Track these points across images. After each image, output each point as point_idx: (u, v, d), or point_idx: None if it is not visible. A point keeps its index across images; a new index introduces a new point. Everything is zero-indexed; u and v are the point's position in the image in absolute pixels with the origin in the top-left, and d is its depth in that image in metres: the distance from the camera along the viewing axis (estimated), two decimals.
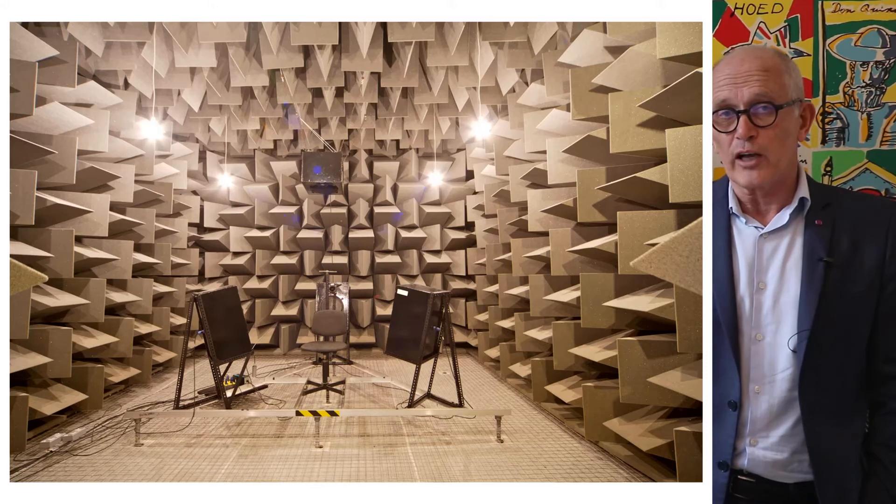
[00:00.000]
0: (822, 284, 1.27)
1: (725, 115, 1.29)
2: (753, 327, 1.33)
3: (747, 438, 1.34)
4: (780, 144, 1.29)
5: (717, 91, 1.31)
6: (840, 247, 1.30)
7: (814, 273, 1.29)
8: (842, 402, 1.32)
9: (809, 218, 1.33)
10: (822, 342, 1.28)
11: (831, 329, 1.28)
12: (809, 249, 1.31)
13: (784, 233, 1.34)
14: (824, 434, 1.29)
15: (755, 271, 1.34)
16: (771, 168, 1.29)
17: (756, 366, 1.33)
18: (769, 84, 1.27)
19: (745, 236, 1.37)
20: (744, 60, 1.30)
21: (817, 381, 1.29)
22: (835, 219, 1.32)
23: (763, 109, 1.26)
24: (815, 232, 1.31)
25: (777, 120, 1.26)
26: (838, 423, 1.31)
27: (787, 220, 1.33)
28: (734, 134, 1.28)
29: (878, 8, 1.91)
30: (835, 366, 1.30)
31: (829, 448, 1.29)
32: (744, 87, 1.27)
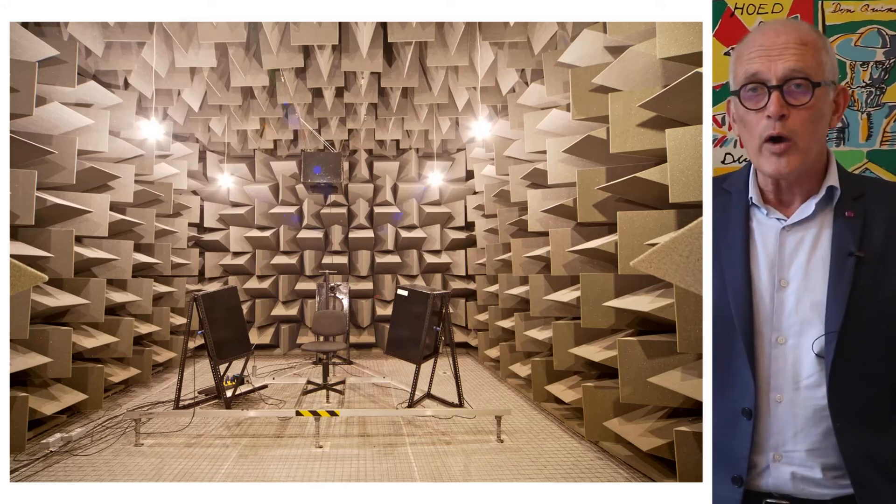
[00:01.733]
0: (851, 281, 1.15)
1: (754, 90, 1.17)
2: (774, 329, 1.21)
3: (770, 453, 1.22)
4: (813, 128, 1.16)
5: (747, 63, 1.17)
6: (873, 240, 1.17)
7: (843, 269, 1.16)
8: (877, 409, 1.20)
9: (839, 209, 1.20)
10: (852, 345, 1.16)
11: (863, 331, 1.16)
12: (838, 243, 1.18)
13: (810, 225, 1.22)
14: (860, 445, 1.17)
15: (776, 267, 1.22)
16: (801, 155, 1.17)
17: (777, 372, 1.21)
18: (807, 59, 1.14)
19: (765, 229, 1.25)
20: (780, 32, 1.17)
21: (848, 387, 1.17)
22: (867, 210, 1.19)
23: (797, 87, 1.14)
24: (845, 224, 1.19)
25: (813, 100, 1.14)
26: (875, 433, 1.19)
27: (814, 210, 1.21)
28: (763, 112, 1.15)
29: (878, 8, 1.91)
30: (867, 371, 1.18)
31: (867, 460, 1.18)
32: (778, 60, 1.14)
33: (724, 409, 1.26)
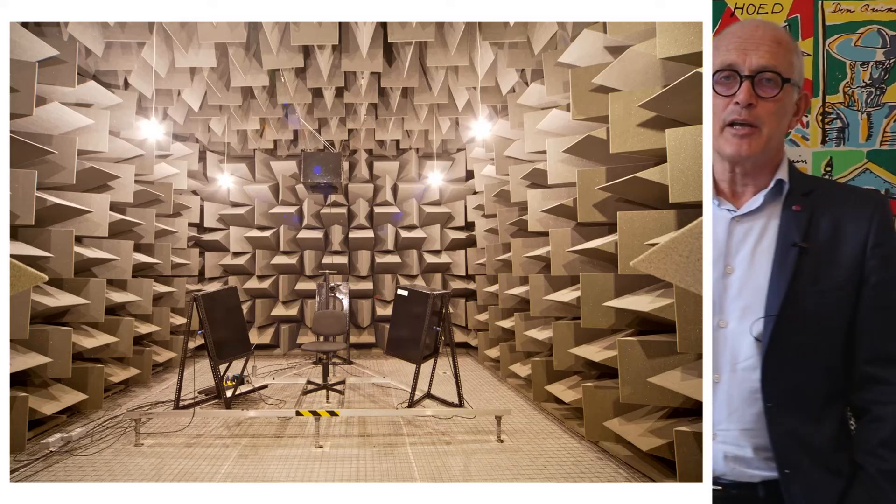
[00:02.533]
0: (793, 270, 1.21)
1: (727, 78, 1.24)
2: (717, 313, 1.27)
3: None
4: (776, 121, 1.24)
5: (724, 53, 1.25)
6: (817, 234, 1.23)
7: (786, 258, 1.22)
8: (810, 396, 1.24)
9: (787, 203, 1.27)
10: (789, 331, 1.20)
11: (801, 318, 1.21)
12: (784, 234, 1.24)
13: (758, 216, 1.28)
14: (790, 428, 1.22)
15: (724, 255, 1.28)
16: (762, 142, 1.23)
17: (718, 354, 1.26)
18: (779, 56, 1.22)
19: (716, 219, 1.31)
20: (758, 27, 1.25)
21: (782, 371, 1.21)
22: (814, 206, 1.26)
23: (768, 81, 1.22)
24: (792, 217, 1.25)
25: (780, 94, 1.22)
26: (806, 419, 1.23)
27: (762, 202, 1.28)
28: (731, 99, 1.23)
29: (878, 8, 1.91)
30: (802, 357, 1.22)
31: (797, 443, 1.22)
32: (754, 52, 1.22)
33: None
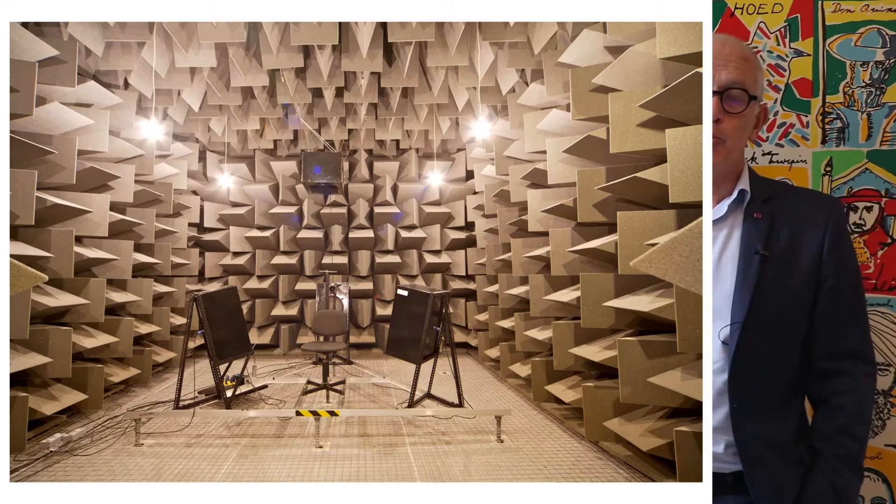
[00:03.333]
0: (757, 278, 1.26)
1: None
2: None
3: None
4: (740, 135, 1.29)
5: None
6: (777, 241, 1.29)
7: (749, 266, 1.28)
8: (774, 395, 1.30)
9: (749, 211, 1.32)
10: (755, 335, 1.26)
11: (765, 322, 1.26)
12: (746, 242, 1.30)
13: (722, 225, 1.33)
14: (754, 426, 1.28)
15: None
16: (724, 153, 1.29)
17: None
18: (746, 73, 1.27)
19: None
20: (725, 44, 1.30)
21: (748, 373, 1.27)
22: (774, 213, 1.31)
23: (735, 97, 1.26)
24: (754, 225, 1.31)
25: (746, 110, 1.27)
26: (770, 416, 1.29)
27: (726, 211, 1.33)
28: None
29: (878, 8, 1.91)
30: (767, 359, 1.29)
31: (759, 441, 1.28)
32: (723, 69, 1.27)
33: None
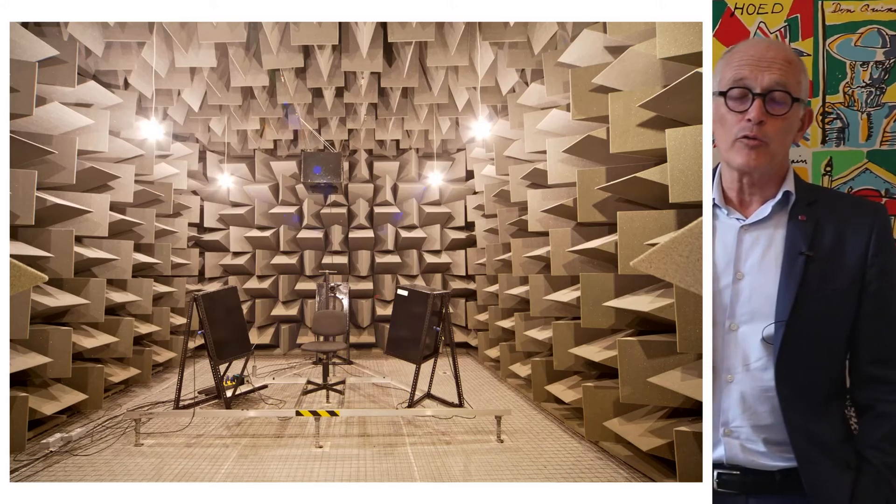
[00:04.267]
0: (801, 278, 1.28)
1: (739, 94, 1.29)
2: (728, 317, 1.34)
3: (721, 428, 1.35)
4: (784, 137, 1.30)
5: (736, 69, 1.30)
6: (822, 243, 1.30)
7: (794, 266, 1.29)
8: (819, 393, 1.32)
9: (793, 213, 1.34)
10: (798, 334, 1.28)
11: (809, 322, 1.28)
12: (791, 243, 1.31)
13: (766, 225, 1.35)
14: (802, 425, 1.30)
15: (734, 261, 1.35)
16: (769, 156, 1.30)
17: (728, 355, 1.34)
18: (789, 75, 1.28)
19: (725, 228, 1.38)
20: (770, 47, 1.31)
21: (794, 371, 1.29)
22: (818, 216, 1.33)
23: (778, 99, 1.27)
24: (798, 227, 1.32)
25: (789, 111, 1.28)
26: (816, 413, 1.31)
27: (770, 212, 1.34)
28: (743, 115, 1.28)
29: (878, 8, 1.91)
30: (811, 358, 1.30)
31: (808, 438, 1.30)
32: (766, 71, 1.27)
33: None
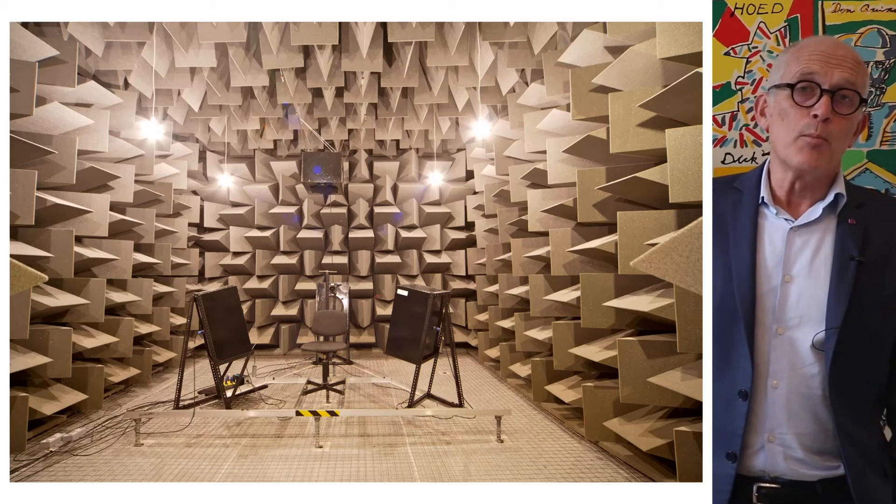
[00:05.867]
0: (853, 284, 1.25)
1: (805, 89, 1.26)
2: (776, 320, 1.30)
3: (765, 434, 1.30)
4: (844, 137, 1.28)
5: (805, 64, 1.27)
6: (872, 248, 1.28)
7: (845, 271, 1.26)
8: (868, 401, 1.31)
9: (843, 216, 1.30)
10: (850, 341, 1.25)
11: (860, 329, 1.25)
12: (841, 247, 1.28)
13: (815, 228, 1.31)
14: (853, 432, 1.27)
15: (782, 264, 1.31)
16: (829, 156, 1.27)
17: (776, 360, 1.30)
18: (858, 76, 1.25)
19: (773, 227, 1.34)
20: (840, 45, 1.29)
21: (846, 379, 1.26)
22: (868, 220, 1.30)
23: (846, 98, 1.24)
24: (848, 230, 1.29)
25: (855, 112, 1.25)
26: (864, 421, 1.30)
27: (820, 214, 1.31)
28: (808, 111, 1.25)
29: (878, 8, 1.91)
30: (862, 365, 1.28)
31: (857, 446, 1.28)
32: (837, 68, 1.24)
33: (722, 392, 1.35)
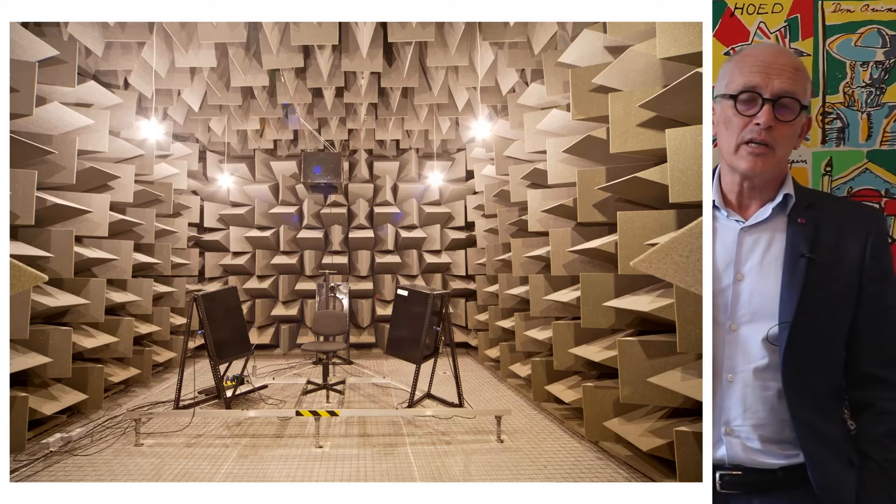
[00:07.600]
0: (803, 280, 1.30)
1: (748, 99, 1.31)
2: (728, 318, 1.35)
3: (722, 427, 1.36)
4: (787, 142, 1.33)
5: (746, 75, 1.32)
6: (822, 245, 1.33)
7: (796, 268, 1.32)
8: (824, 392, 1.35)
9: (793, 216, 1.36)
10: (803, 335, 1.30)
11: (812, 323, 1.30)
12: (792, 245, 1.34)
13: (765, 227, 1.37)
14: (809, 424, 1.32)
15: (734, 263, 1.36)
16: (773, 161, 1.32)
17: (729, 355, 1.35)
18: (798, 84, 1.30)
19: (725, 229, 1.39)
20: (780, 54, 1.33)
21: (800, 371, 1.31)
22: (818, 219, 1.36)
23: (786, 106, 1.29)
24: (798, 229, 1.35)
25: (796, 118, 1.31)
26: (823, 412, 1.34)
27: (770, 214, 1.36)
28: (751, 119, 1.30)
29: (878, 8, 1.91)
30: (816, 358, 1.33)
31: (815, 437, 1.32)
32: (777, 78, 1.29)
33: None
